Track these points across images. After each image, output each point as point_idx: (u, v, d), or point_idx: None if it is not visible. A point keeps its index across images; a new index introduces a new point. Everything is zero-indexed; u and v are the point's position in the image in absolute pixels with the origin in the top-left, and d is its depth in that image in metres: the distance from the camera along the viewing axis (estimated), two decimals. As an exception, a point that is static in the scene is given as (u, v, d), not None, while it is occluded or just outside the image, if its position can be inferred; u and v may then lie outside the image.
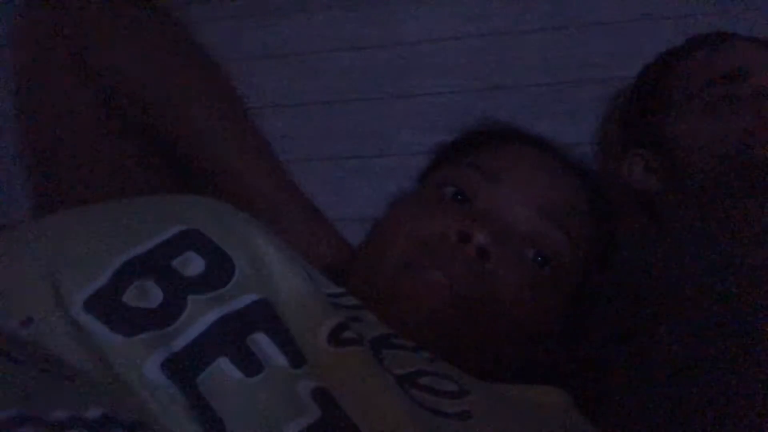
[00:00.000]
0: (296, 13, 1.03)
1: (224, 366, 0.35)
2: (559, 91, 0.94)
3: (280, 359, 0.37)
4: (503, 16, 0.98)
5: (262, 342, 0.37)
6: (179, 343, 0.35)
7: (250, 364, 0.36)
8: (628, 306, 0.55)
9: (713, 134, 0.70)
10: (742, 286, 0.49)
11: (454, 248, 0.50)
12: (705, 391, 0.44)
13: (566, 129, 0.90)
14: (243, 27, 1.04)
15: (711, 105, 0.70)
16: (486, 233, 0.50)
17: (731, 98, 0.69)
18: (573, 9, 0.95)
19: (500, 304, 0.51)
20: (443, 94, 0.97)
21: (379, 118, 0.99)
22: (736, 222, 0.67)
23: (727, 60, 0.72)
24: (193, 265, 0.40)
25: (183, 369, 0.34)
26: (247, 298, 0.39)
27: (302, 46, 1.03)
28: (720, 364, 0.45)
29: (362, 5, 1.02)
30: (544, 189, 0.56)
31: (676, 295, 0.51)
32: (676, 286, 0.52)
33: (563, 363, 0.57)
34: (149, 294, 0.37)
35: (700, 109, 0.71)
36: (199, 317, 0.37)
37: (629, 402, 0.49)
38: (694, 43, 0.78)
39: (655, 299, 0.53)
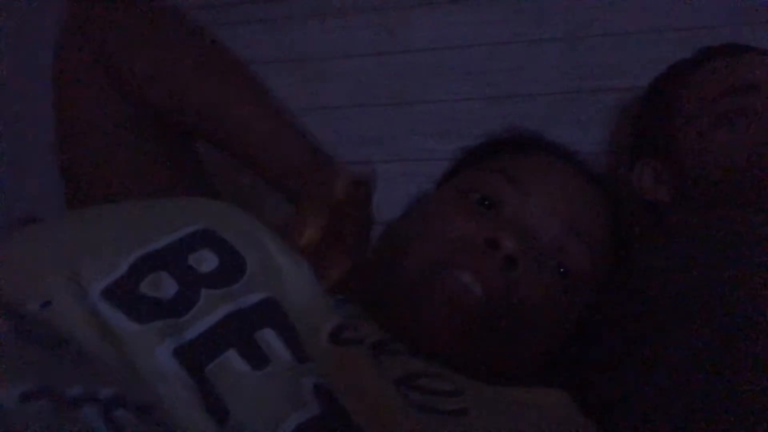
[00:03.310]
0: (309, 19, 1.04)
1: (232, 358, 0.36)
2: (570, 99, 0.94)
3: (285, 355, 0.38)
4: (516, 24, 0.98)
5: (269, 338, 0.38)
6: (191, 333, 0.37)
7: (257, 357, 0.37)
8: (638, 311, 0.55)
9: (723, 146, 0.69)
10: (749, 294, 0.49)
11: (482, 253, 0.49)
12: (711, 397, 0.44)
13: (577, 137, 0.90)
14: (256, 31, 1.05)
15: (722, 117, 0.70)
16: (514, 240, 0.49)
17: (742, 111, 0.69)
18: (585, 19, 0.96)
19: (523, 312, 0.50)
20: (455, 101, 0.98)
21: (390, 124, 0.99)
22: (744, 233, 0.66)
23: (739, 72, 0.72)
24: (207, 261, 0.41)
25: (193, 358, 0.35)
26: (257, 296, 0.40)
27: (315, 51, 1.03)
28: (727, 371, 0.45)
29: (375, 11, 1.02)
30: (570, 201, 0.56)
31: (685, 303, 0.51)
32: (685, 294, 0.52)
33: (571, 366, 0.57)
34: (164, 285, 0.38)
35: (710, 120, 0.71)
36: (211, 310, 0.38)
37: (636, 405, 0.49)
38: (707, 54, 0.78)
39: (664, 306, 0.53)
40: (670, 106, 0.77)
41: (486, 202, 0.55)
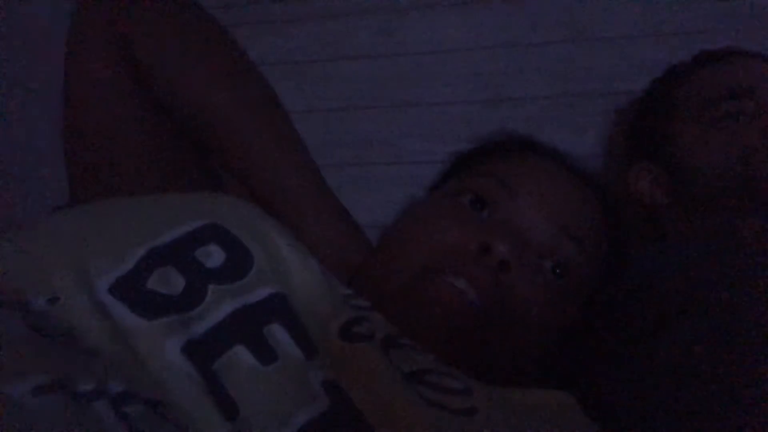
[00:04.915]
0: (307, 21, 1.05)
1: (241, 353, 0.36)
2: (566, 103, 0.95)
3: (294, 350, 0.38)
4: (512, 28, 0.99)
5: (277, 333, 0.38)
6: (199, 328, 0.36)
7: (266, 352, 0.37)
8: (636, 312, 0.55)
9: (718, 150, 0.70)
10: (746, 296, 0.50)
11: (475, 258, 0.49)
12: (707, 397, 0.45)
13: (573, 141, 0.91)
14: (255, 34, 1.05)
15: (717, 121, 0.71)
16: (507, 244, 0.49)
17: (737, 115, 0.70)
18: (581, 23, 0.96)
19: (518, 315, 0.50)
20: (451, 103, 0.98)
21: (386, 127, 0.99)
22: (740, 236, 0.67)
23: (734, 76, 0.73)
24: (214, 256, 0.41)
25: (201, 353, 0.35)
26: (265, 291, 0.40)
27: (312, 53, 1.04)
28: (725, 372, 0.45)
29: (372, 14, 1.03)
30: (560, 201, 0.56)
31: (682, 304, 0.52)
32: (682, 295, 0.53)
33: (569, 366, 0.57)
34: (172, 281, 0.38)
35: (706, 124, 0.72)
36: (219, 306, 0.38)
37: (633, 406, 0.49)
38: (702, 58, 0.79)
39: (662, 307, 0.53)
40: (667, 109, 0.78)
41: (478, 206, 0.55)
